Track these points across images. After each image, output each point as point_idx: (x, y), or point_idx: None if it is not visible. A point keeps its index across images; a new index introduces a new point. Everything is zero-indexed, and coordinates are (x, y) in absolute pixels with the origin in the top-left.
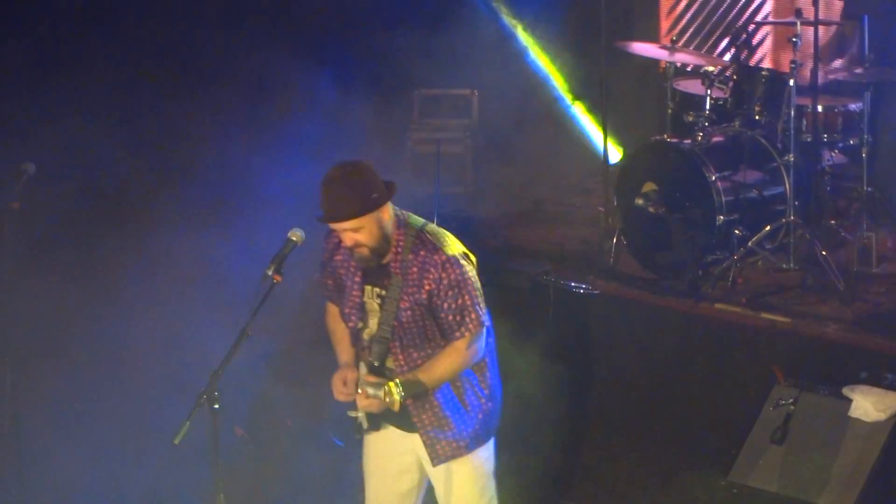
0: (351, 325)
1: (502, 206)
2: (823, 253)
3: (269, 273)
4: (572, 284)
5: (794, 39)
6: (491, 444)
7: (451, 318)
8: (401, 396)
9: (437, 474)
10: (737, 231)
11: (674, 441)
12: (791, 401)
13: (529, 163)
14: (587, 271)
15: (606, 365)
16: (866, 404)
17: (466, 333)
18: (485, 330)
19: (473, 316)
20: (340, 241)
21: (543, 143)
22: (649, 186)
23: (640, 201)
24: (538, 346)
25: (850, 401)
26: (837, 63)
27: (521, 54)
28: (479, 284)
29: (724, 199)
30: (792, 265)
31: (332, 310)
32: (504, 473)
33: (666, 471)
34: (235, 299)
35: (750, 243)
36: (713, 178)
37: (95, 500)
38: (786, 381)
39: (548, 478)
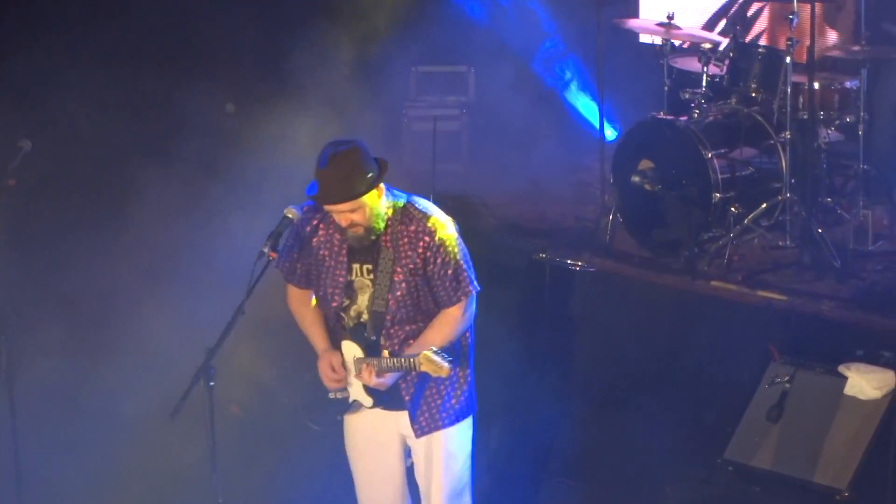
0: (335, 304)
1: (498, 183)
2: (819, 230)
3: (265, 251)
4: (568, 262)
5: (790, 16)
6: (470, 421)
7: (447, 283)
8: (447, 362)
9: (417, 449)
10: (733, 208)
11: (669, 419)
12: (787, 379)
13: (526, 140)
14: (583, 249)
15: (602, 342)
16: (862, 382)
17: (463, 297)
18: (475, 295)
19: (467, 282)
20: (318, 223)
21: (540, 120)
22: (646, 164)
23: (636, 179)
24: (534, 324)
25: (845, 378)
26: (833, 39)
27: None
28: (467, 251)
29: (720, 176)
30: (788, 243)
31: (297, 293)
32: (499, 450)
33: (661, 449)
34: (231, 277)
35: (746, 221)
36: (709, 155)
37: (91, 480)
38: (781, 358)
39: (542, 454)
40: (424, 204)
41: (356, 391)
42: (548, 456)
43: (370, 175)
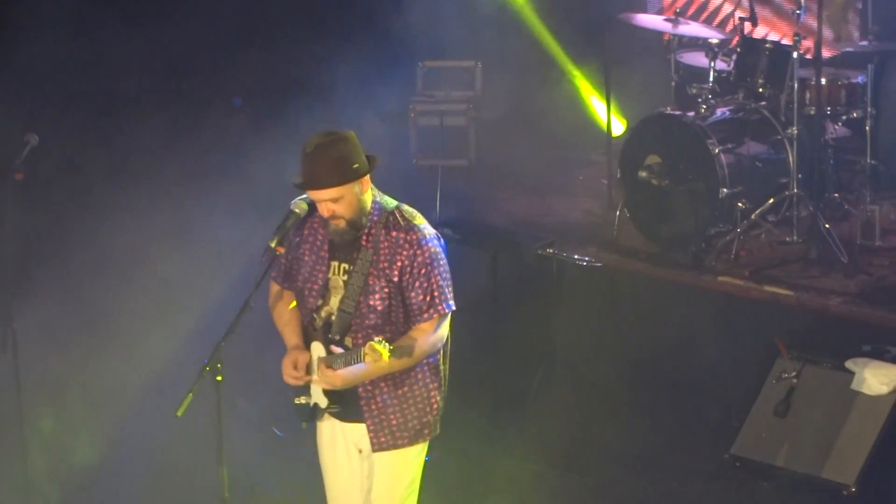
0: (310, 304)
1: (505, 178)
2: (827, 226)
3: (272, 245)
4: (576, 257)
5: (797, 12)
6: (425, 447)
7: (420, 297)
8: (388, 350)
9: (367, 463)
10: (740, 204)
11: (676, 414)
12: (794, 374)
13: (533, 135)
14: (591, 244)
15: (609, 337)
16: (869, 377)
17: (435, 315)
18: (450, 316)
19: (442, 299)
20: (306, 219)
21: (547, 115)
22: (653, 159)
23: (643, 174)
24: (541, 319)
25: (852, 374)
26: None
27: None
28: (448, 269)
29: (727, 171)
30: (795, 238)
31: (277, 292)
32: (505, 446)
33: (669, 444)
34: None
35: (753, 216)
36: (716, 150)
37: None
38: (789, 354)
39: (549, 450)
40: (412, 213)
41: (316, 393)
42: (554, 450)
43: (357, 166)
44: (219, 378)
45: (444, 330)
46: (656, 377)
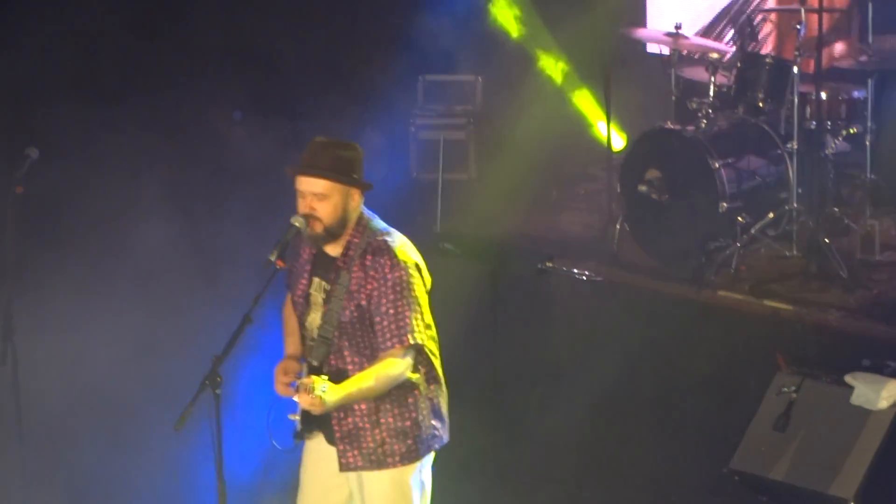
0: (298, 311)
1: (505, 192)
2: (826, 240)
3: (272, 259)
4: (575, 271)
5: (797, 26)
6: (413, 471)
7: (385, 323)
8: (322, 392)
9: (353, 486)
10: (740, 218)
11: (676, 428)
12: (793, 388)
13: (533, 149)
14: (590, 258)
15: (609, 352)
16: (869, 392)
17: (398, 345)
18: (415, 349)
19: (409, 328)
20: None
21: (547, 129)
22: (653, 173)
23: (643, 188)
24: (541, 334)
25: (852, 388)
26: (840, 49)
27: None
28: (424, 301)
29: (727, 186)
30: (795, 252)
31: (289, 302)
32: (506, 458)
33: (668, 458)
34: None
35: (753, 230)
36: (716, 165)
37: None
38: (788, 368)
39: (549, 464)
40: (395, 240)
41: (299, 412)
42: (553, 465)
43: (356, 176)
44: (217, 391)
45: (409, 361)
46: (656, 391)
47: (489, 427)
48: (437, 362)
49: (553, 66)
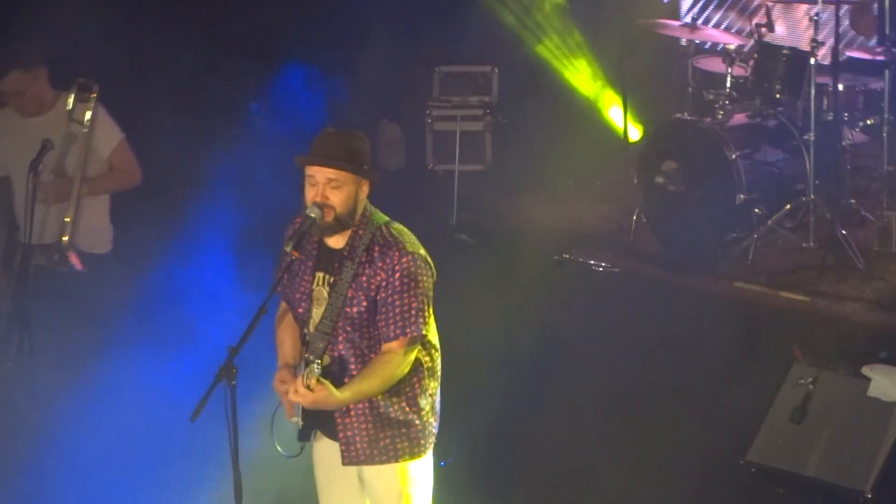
0: (300, 310)
1: (522, 183)
2: (843, 232)
3: (288, 249)
4: (592, 262)
5: (815, 18)
6: (416, 464)
7: (391, 314)
8: (315, 376)
9: (360, 479)
10: (757, 210)
11: (692, 419)
12: (810, 380)
13: (549, 140)
14: (607, 249)
15: (625, 343)
16: (886, 384)
17: (402, 337)
18: (419, 341)
19: (414, 320)
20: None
21: (564, 120)
22: (669, 165)
23: (660, 179)
24: (557, 325)
25: (869, 380)
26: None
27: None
28: (430, 294)
29: (744, 177)
30: (812, 244)
31: (283, 306)
32: (518, 453)
33: (684, 450)
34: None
35: (770, 222)
36: (733, 156)
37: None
38: (805, 360)
39: (563, 456)
40: (401, 230)
41: (297, 413)
42: (568, 456)
43: (365, 166)
44: (233, 383)
45: (411, 356)
46: (672, 382)
47: (504, 418)
48: (438, 356)
49: (571, 60)
